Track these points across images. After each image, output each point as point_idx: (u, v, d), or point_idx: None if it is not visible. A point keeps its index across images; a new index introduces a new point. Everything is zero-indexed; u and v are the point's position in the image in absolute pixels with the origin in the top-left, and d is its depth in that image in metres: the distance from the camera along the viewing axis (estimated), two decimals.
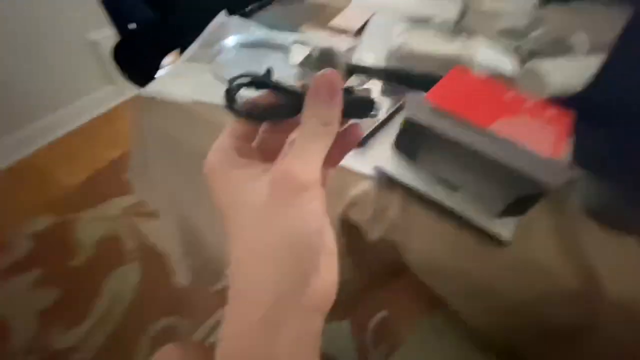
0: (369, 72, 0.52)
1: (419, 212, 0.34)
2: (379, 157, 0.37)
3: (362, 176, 0.36)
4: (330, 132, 0.17)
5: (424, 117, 0.33)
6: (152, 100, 0.47)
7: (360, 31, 0.62)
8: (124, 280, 1.03)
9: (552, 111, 0.39)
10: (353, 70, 0.53)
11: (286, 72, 0.50)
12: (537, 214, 0.33)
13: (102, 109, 1.59)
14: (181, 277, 0.70)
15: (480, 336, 0.39)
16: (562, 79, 0.47)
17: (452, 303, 0.36)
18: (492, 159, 0.31)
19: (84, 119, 1.54)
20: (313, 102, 0.18)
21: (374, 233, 0.36)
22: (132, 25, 0.78)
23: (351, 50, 0.58)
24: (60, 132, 1.48)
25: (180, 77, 0.49)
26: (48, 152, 1.42)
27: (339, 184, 0.36)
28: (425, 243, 0.33)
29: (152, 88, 0.47)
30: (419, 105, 0.33)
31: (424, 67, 0.50)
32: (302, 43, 0.58)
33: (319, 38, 0.62)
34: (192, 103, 0.45)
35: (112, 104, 1.61)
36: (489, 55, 0.54)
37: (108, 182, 1.29)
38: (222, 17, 0.60)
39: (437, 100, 0.38)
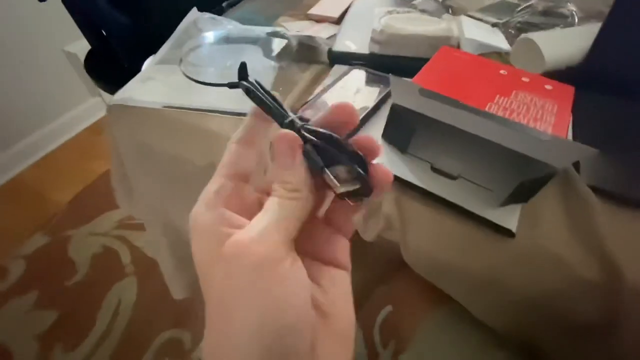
0: (351, 59, 0.49)
1: (415, 207, 0.31)
2: None
3: None
4: (298, 198, 0.15)
5: (412, 102, 0.30)
6: (123, 108, 0.44)
7: (341, 18, 0.59)
8: (123, 296, 1.01)
9: (551, 85, 0.36)
10: (335, 58, 0.50)
11: (262, 66, 0.47)
12: (543, 199, 0.30)
13: (88, 122, 1.55)
14: (175, 292, 0.67)
15: (492, 330, 0.37)
16: (557, 51, 0.44)
17: (458, 299, 0.33)
18: (492, 142, 0.28)
19: (71, 133, 1.51)
20: (274, 168, 0.16)
21: (369, 233, 0.33)
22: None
23: (333, 38, 0.55)
24: (47, 149, 1.44)
25: (150, 81, 0.45)
26: (36, 169, 1.39)
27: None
28: (423, 240, 0.31)
29: (121, 95, 0.44)
30: (406, 90, 0.30)
31: (410, 51, 0.47)
32: (279, 34, 0.54)
33: (297, 27, 0.58)
34: (162, 108, 0.41)
35: (98, 115, 1.58)
36: (478, 33, 0.51)
37: (99, 195, 1.26)
38: (193, 14, 0.56)
39: (424, 84, 0.35)
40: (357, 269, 0.39)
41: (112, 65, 0.76)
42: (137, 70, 0.82)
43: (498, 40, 0.50)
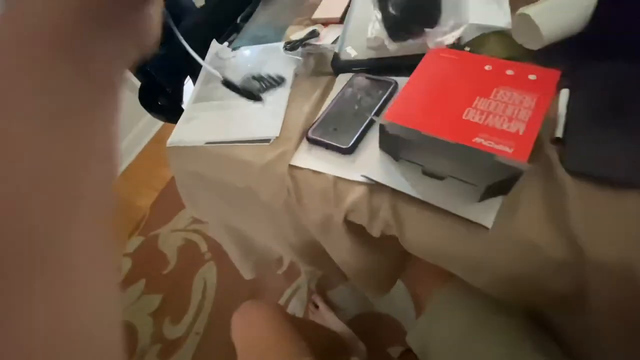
0: (352, 66, 0.53)
1: (408, 209, 0.37)
2: (366, 163, 0.41)
3: (355, 183, 0.40)
4: None
5: (396, 130, 0.36)
6: (176, 148, 0.55)
7: (344, 16, 0.62)
8: (207, 278, 1.23)
9: (535, 75, 0.38)
10: (338, 69, 0.55)
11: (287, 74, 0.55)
12: (524, 189, 0.34)
13: (152, 133, 1.78)
14: (245, 273, 0.82)
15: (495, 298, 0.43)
16: (556, 24, 0.43)
17: (459, 276, 0.39)
18: (467, 155, 0.33)
19: (141, 145, 1.75)
20: None
21: (374, 231, 0.40)
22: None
23: (338, 41, 0.59)
24: (127, 162, 1.71)
25: (192, 121, 0.56)
26: (121, 181, 1.66)
27: (337, 194, 0.41)
28: (418, 235, 0.37)
29: (172, 138, 0.55)
30: (384, 122, 0.36)
31: (405, 50, 0.49)
32: (292, 49, 0.60)
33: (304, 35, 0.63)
34: (205, 145, 0.52)
35: (158, 126, 1.80)
36: (481, 12, 0.51)
37: (172, 198, 1.49)
38: (214, 47, 0.64)
39: (413, 91, 0.40)
40: (376, 254, 0.47)
41: (158, 94, 0.88)
42: (179, 93, 0.94)
43: (499, 18, 0.50)
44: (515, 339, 0.40)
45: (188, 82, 0.91)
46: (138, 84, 1.12)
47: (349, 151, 0.43)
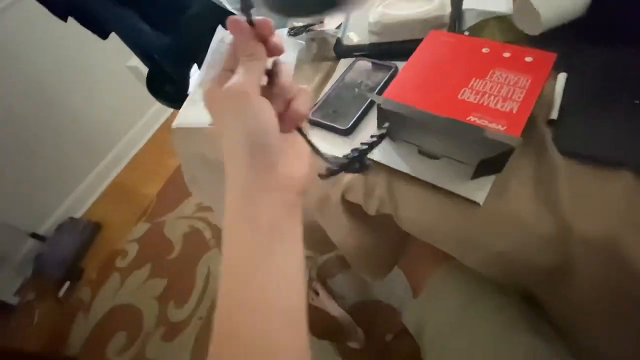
0: (354, 51, 0.54)
1: (403, 187, 0.38)
2: (365, 139, 0.42)
3: None
4: (253, 58, 0.25)
5: (391, 106, 0.37)
6: (181, 130, 0.57)
7: None
8: (211, 264, 1.25)
9: (532, 57, 0.38)
10: (340, 53, 0.56)
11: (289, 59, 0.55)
12: (516, 169, 0.35)
13: (159, 123, 1.81)
14: None
15: (489, 280, 0.44)
16: (555, 9, 0.43)
17: (453, 255, 0.41)
18: (458, 130, 0.33)
19: (147, 135, 1.78)
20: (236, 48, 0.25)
21: (370, 209, 0.41)
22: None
23: (341, 27, 0.60)
24: (133, 152, 1.74)
25: (196, 104, 0.57)
26: (128, 170, 1.70)
27: None
28: (412, 212, 0.38)
29: (178, 120, 0.57)
30: (382, 100, 0.37)
31: (406, 35, 0.50)
32: (295, 34, 0.61)
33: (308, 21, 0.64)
34: (210, 126, 0.53)
35: (165, 115, 1.82)
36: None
37: (178, 186, 1.51)
38: (220, 33, 0.66)
39: (412, 72, 0.41)
40: (374, 235, 0.48)
41: (165, 81, 0.90)
42: (184, 80, 0.96)
43: (500, 4, 0.50)
44: (510, 319, 0.41)
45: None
46: (142, 65, 1.14)
47: (348, 132, 0.44)
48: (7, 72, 1.27)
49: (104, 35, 0.87)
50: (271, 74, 0.26)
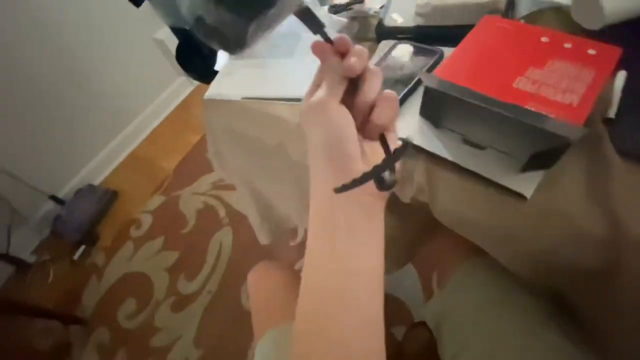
0: (397, 33, 0.52)
1: (442, 174, 0.37)
2: (403, 129, 0.41)
3: None
4: (334, 76, 0.27)
5: (442, 86, 0.35)
6: (213, 101, 0.56)
7: None
8: (223, 241, 1.27)
9: (595, 50, 0.36)
10: (381, 34, 0.54)
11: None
12: (567, 164, 0.33)
13: (179, 100, 1.81)
14: (261, 237, 0.84)
15: (517, 278, 0.42)
16: (621, 2, 0.41)
17: (486, 250, 0.39)
18: (511, 117, 0.32)
19: (167, 111, 1.79)
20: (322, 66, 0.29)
21: (405, 196, 0.40)
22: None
23: (384, 8, 0.58)
24: (152, 126, 1.75)
25: (229, 76, 0.57)
26: (146, 144, 1.71)
27: None
28: (450, 202, 0.37)
29: (211, 91, 0.56)
30: (433, 79, 0.35)
31: (455, 19, 0.48)
32: (336, 12, 0.59)
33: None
34: (242, 100, 0.53)
35: (185, 93, 1.82)
36: None
37: (196, 162, 1.52)
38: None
39: (463, 57, 0.39)
40: (401, 226, 0.48)
41: (197, 54, 0.90)
42: (214, 54, 0.95)
43: None
44: (537, 319, 0.40)
45: None
46: (173, 47, 1.14)
47: None
48: (36, 38, 1.28)
49: (138, 3, 0.86)
50: (356, 81, 0.27)
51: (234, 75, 0.56)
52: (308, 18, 0.27)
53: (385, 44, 0.53)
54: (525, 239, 0.34)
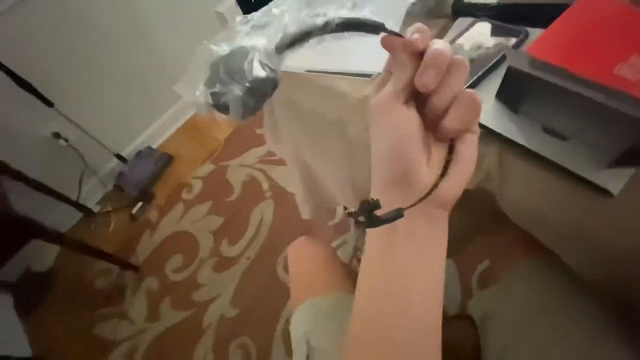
0: (477, 10, 0.49)
1: (515, 162, 0.35)
2: None
3: None
4: (402, 70, 0.24)
5: (534, 66, 0.33)
6: None
7: None
8: (265, 212, 1.32)
9: None
10: (459, 11, 0.51)
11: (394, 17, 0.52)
12: None
13: None
14: (304, 212, 0.87)
15: (582, 285, 0.40)
16: None
17: (552, 247, 0.37)
18: (605, 105, 0.29)
19: None
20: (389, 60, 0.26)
21: (471, 182, 0.39)
22: None
23: None
24: None
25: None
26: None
27: None
28: (520, 192, 0.35)
29: None
30: (521, 58, 0.33)
31: None
32: None
33: None
34: (305, 72, 0.53)
35: None
36: None
37: (244, 136, 1.58)
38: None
39: (556, 37, 0.35)
40: (458, 217, 0.46)
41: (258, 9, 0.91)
42: None
43: None
44: (599, 329, 0.37)
45: None
46: (232, 14, 1.15)
47: None
48: (110, 4, 1.37)
49: None
50: None
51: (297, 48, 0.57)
52: (357, 27, 0.25)
53: (461, 22, 0.50)
54: (604, 239, 0.31)
